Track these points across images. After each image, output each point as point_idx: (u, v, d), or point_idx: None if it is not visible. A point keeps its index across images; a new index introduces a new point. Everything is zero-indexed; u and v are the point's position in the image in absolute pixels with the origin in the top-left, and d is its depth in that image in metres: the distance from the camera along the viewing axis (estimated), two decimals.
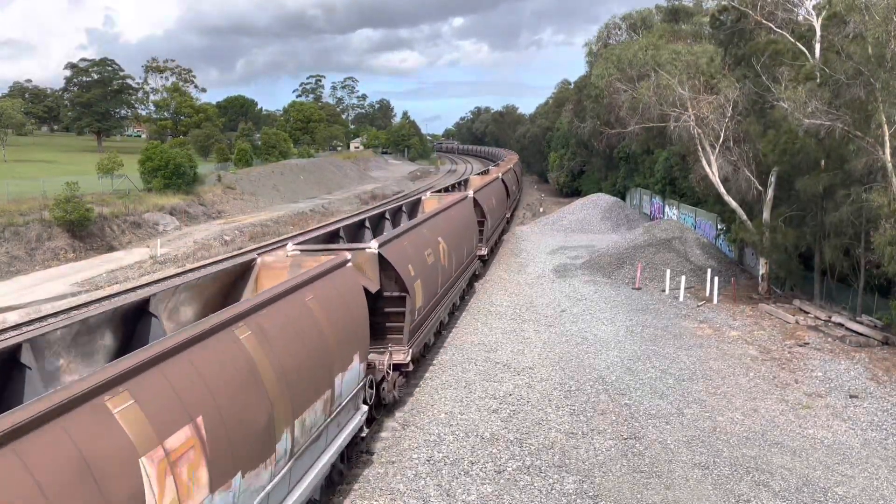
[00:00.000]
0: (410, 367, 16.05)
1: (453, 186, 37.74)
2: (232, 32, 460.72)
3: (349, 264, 12.86)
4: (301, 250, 14.22)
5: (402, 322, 15.54)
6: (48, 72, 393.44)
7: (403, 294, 15.69)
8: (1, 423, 4.84)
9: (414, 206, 25.97)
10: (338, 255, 12.92)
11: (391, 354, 15.00)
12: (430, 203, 26.13)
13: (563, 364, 19.19)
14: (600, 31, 53.43)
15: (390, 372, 14.86)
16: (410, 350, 15.64)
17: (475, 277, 29.29)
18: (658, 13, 47.84)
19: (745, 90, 26.02)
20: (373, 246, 14.98)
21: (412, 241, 17.56)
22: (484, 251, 30.66)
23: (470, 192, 29.09)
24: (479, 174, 47.17)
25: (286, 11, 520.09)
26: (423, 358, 18.79)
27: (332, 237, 17.79)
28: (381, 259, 15.00)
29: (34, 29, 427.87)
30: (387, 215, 22.92)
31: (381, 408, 15.12)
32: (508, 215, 46.52)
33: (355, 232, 19.69)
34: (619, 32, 51.53)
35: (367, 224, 20.47)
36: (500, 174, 44.27)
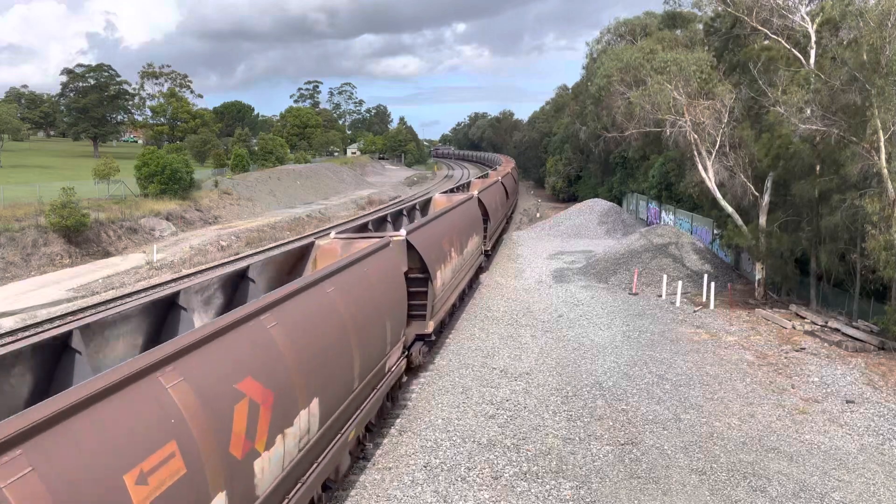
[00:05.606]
0: None
1: (387, 220, 21.79)
2: (233, 37, 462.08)
3: None
4: None
5: None
6: (49, 77, 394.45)
7: None
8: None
9: (296, 262, 14.19)
10: None
11: None
12: (329, 253, 14.71)
13: (560, 369, 19.18)
14: (601, 34, 53.83)
15: None
16: None
17: (397, 390, 16.37)
18: (654, 19, 48.10)
19: (741, 96, 26.14)
20: None
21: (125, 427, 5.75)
22: (429, 327, 17.87)
23: (401, 233, 17.14)
24: (446, 192, 31.13)
25: (288, 16, 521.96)
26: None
27: None
28: None
29: (35, 34, 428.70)
30: (180, 300, 9.58)
31: None
32: (488, 248, 33.01)
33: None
34: (617, 39, 51.78)
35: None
36: (475, 192, 31.76)
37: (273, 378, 8.35)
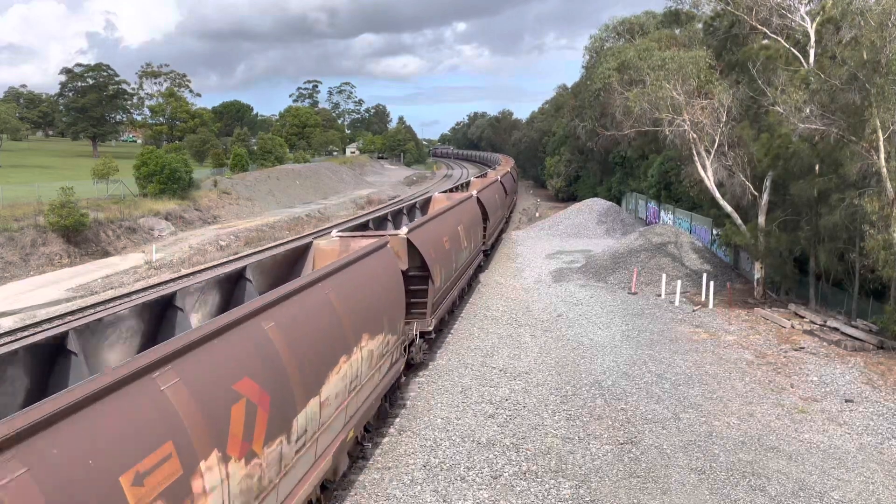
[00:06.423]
0: None
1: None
2: (233, 37, 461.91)
3: None
4: None
5: None
6: (48, 77, 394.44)
7: None
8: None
9: None
10: None
11: None
12: None
13: (559, 369, 19.18)
14: (599, 32, 53.86)
15: None
16: None
17: None
18: (653, 18, 48.16)
19: (739, 95, 26.14)
20: None
21: None
22: None
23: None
24: (348, 230, 18.00)
25: (288, 16, 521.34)
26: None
27: None
28: None
29: (34, 34, 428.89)
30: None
31: None
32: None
33: None
34: (616, 37, 51.85)
35: None
36: (402, 233, 17.82)
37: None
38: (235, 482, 7.23)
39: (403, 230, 17.90)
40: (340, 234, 16.28)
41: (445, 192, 32.93)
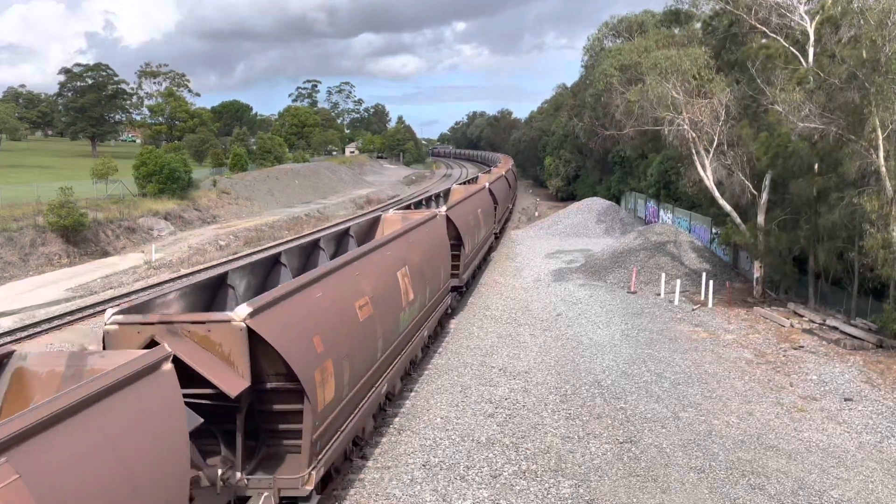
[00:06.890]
0: None
1: None
2: (233, 37, 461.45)
3: None
4: None
5: None
6: (48, 77, 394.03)
7: None
8: None
9: None
10: None
11: None
12: None
13: (558, 368, 19.19)
14: (598, 31, 53.79)
15: None
16: None
17: None
18: (651, 17, 48.16)
19: (738, 94, 26.13)
20: None
21: None
22: None
23: None
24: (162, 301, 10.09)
25: (288, 16, 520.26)
26: None
27: None
28: None
29: (34, 34, 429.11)
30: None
31: None
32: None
33: None
34: (614, 35, 51.83)
35: None
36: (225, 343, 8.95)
37: None
38: None
39: (243, 309, 9.00)
40: (118, 320, 8.88)
41: (404, 208, 24.95)
